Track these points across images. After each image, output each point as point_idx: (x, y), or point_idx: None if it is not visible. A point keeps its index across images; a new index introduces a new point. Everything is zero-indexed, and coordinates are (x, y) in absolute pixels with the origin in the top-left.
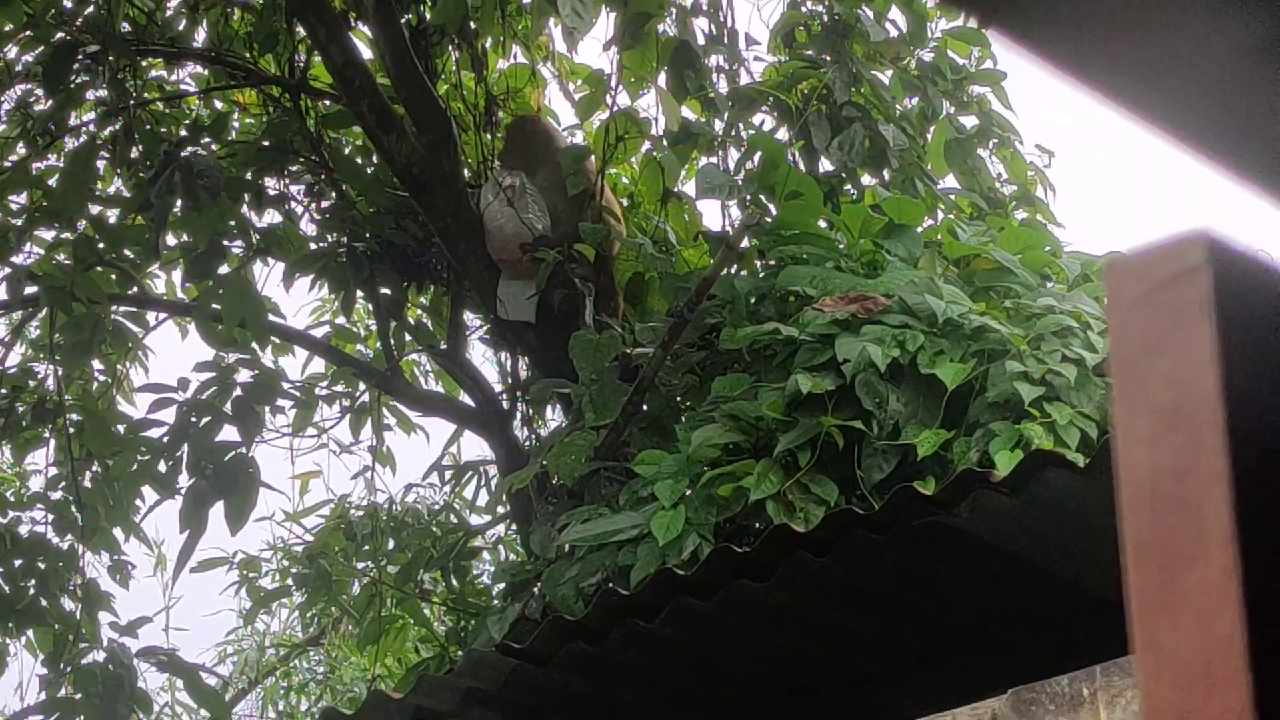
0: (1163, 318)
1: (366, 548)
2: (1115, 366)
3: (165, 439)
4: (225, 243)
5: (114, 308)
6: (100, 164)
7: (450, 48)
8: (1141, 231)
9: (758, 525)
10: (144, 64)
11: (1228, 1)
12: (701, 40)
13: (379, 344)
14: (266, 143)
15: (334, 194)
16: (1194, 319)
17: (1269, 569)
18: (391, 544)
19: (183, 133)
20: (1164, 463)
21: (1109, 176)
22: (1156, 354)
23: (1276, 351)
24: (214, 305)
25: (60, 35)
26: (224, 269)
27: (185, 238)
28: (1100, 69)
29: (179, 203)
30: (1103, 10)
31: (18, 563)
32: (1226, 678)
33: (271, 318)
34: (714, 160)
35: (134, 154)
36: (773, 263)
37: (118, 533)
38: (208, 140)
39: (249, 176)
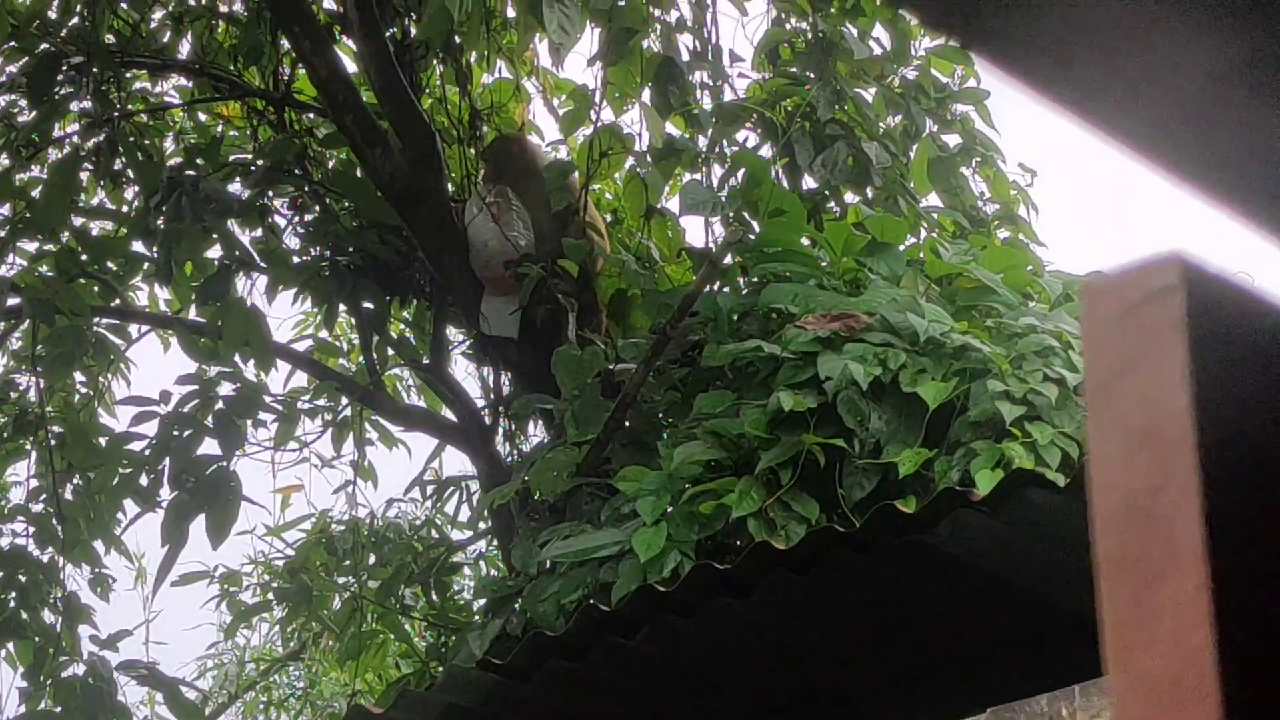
0: (1137, 337)
1: (348, 562)
2: (1090, 385)
3: (147, 452)
4: (208, 258)
5: (96, 320)
6: (83, 176)
7: (435, 62)
8: (1122, 250)
9: (739, 543)
10: (128, 75)
11: (1201, 25)
12: (686, 56)
13: (361, 358)
14: (266, 163)
15: (318, 208)
16: (1167, 339)
17: (1240, 585)
18: (372, 559)
19: (170, 152)
20: (1137, 480)
21: (1091, 196)
22: (1130, 373)
23: (1248, 372)
24: (217, 324)
25: (44, 46)
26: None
27: (170, 251)
28: (1075, 90)
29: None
30: (1078, 32)
31: None
32: (1198, 693)
33: None
34: (697, 177)
35: (117, 166)
36: (755, 280)
37: (98, 546)
38: (201, 163)
39: (245, 195)
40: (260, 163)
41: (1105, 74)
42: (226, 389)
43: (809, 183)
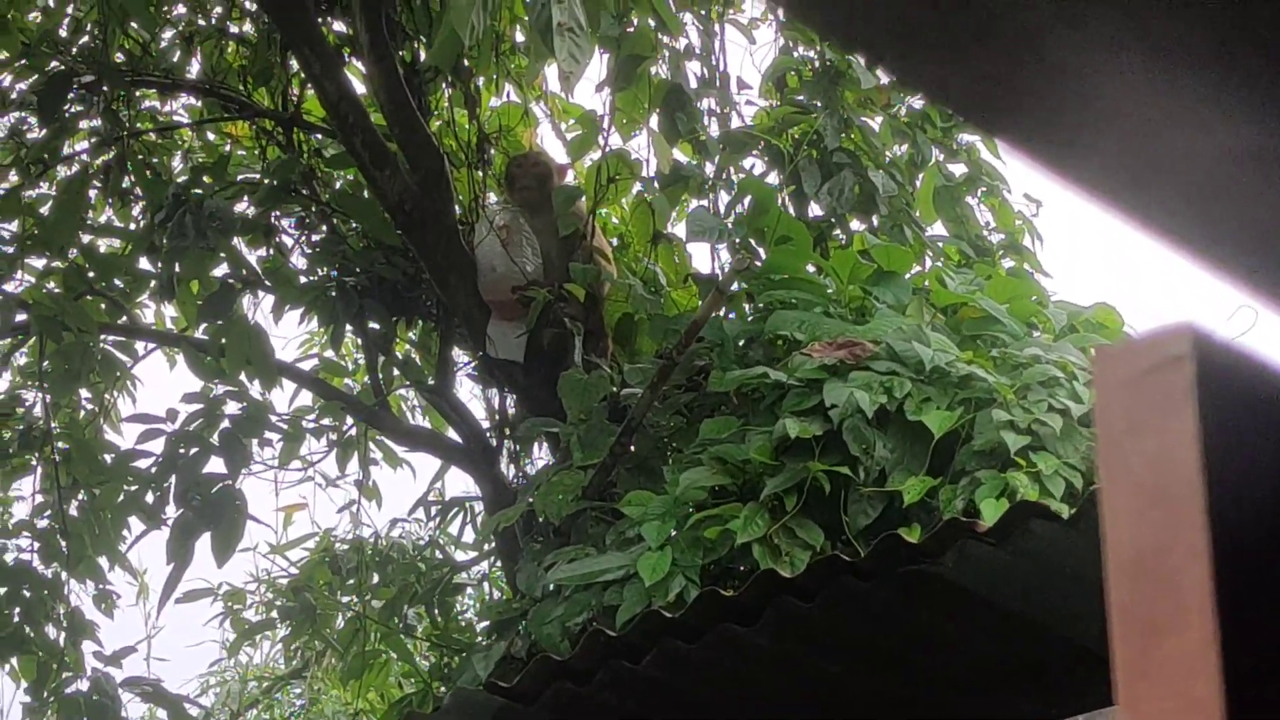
0: (1148, 402)
1: (351, 582)
2: (1102, 445)
3: (153, 469)
4: (214, 276)
5: (103, 337)
6: (91, 193)
7: (444, 85)
8: (1126, 285)
9: (743, 568)
10: (138, 94)
11: (1215, 111)
12: (694, 83)
13: (367, 378)
14: (271, 181)
15: (325, 228)
16: (1177, 404)
17: (1244, 640)
18: (376, 578)
19: (177, 172)
20: (1147, 537)
21: (1096, 226)
22: (1141, 435)
23: (1256, 437)
24: (220, 341)
25: (55, 64)
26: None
27: (173, 268)
28: (1090, 173)
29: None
30: (1095, 115)
31: (2, 590)
32: None
33: None
34: (704, 203)
35: (125, 184)
36: (762, 307)
37: (103, 562)
38: (208, 180)
39: (251, 213)
40: (266, 182)
41: (1119, 160)
42: (232, 408)
43: (815, 210)
